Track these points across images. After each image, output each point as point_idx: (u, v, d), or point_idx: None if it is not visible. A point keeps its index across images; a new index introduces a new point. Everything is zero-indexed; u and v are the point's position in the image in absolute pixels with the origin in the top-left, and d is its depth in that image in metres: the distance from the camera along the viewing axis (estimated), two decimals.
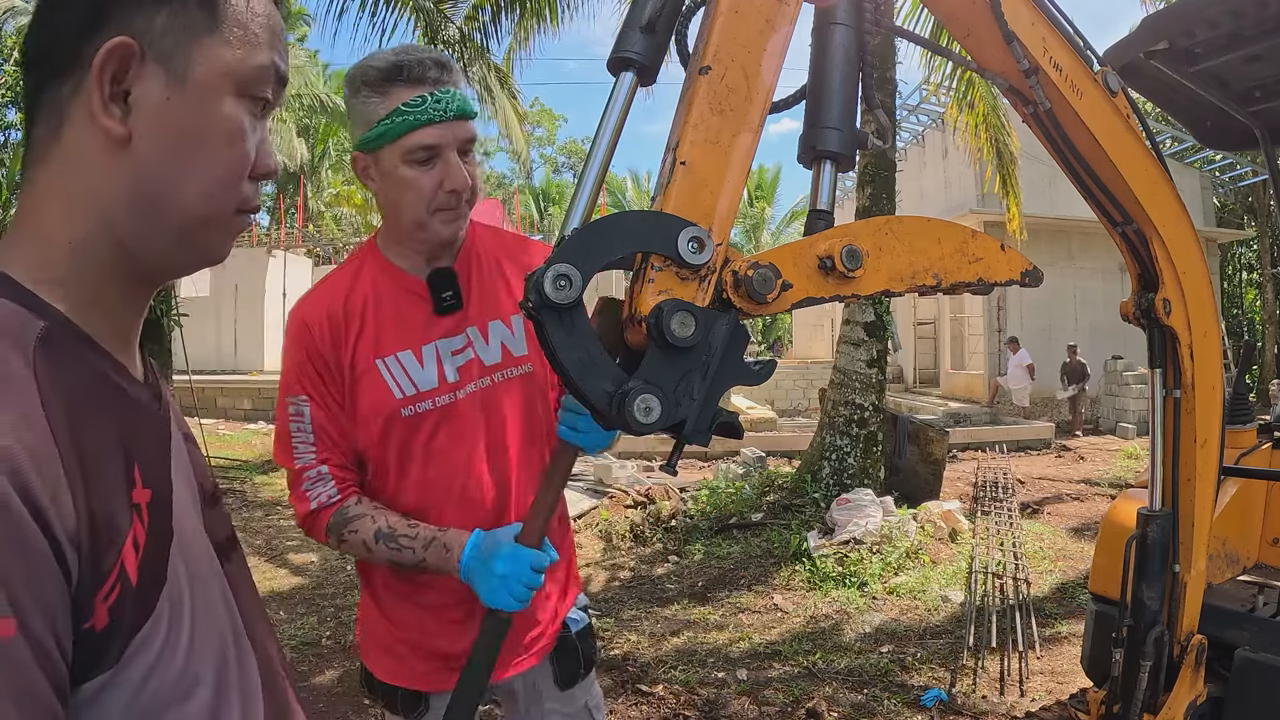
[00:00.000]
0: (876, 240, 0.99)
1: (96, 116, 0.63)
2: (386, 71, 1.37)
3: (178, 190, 0.66)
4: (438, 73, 1.38)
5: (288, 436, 1.47)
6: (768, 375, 0.93)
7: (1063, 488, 9.25)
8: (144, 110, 0.64)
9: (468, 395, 1.49)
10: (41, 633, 0.51)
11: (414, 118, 1.36)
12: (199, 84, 0.66)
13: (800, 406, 18.69)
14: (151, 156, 0.65)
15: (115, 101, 0.64)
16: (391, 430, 1.46)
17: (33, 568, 0.51)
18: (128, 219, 0.65)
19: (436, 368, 1.48)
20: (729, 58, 0.92)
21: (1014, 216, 11.05)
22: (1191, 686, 1.81)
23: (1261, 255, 22.27)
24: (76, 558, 0.54)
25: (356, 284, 1.50)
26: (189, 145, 0.66)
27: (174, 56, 0.65)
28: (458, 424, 1.49)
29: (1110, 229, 1.59)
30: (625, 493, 7.87)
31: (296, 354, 1.47)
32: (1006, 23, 1.21)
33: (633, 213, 0.88)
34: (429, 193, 1.40)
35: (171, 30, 0.65)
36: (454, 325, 1.50)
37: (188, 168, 0.66)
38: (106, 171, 0.64)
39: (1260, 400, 16.92)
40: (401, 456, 1.48)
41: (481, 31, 9.69)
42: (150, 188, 0.65)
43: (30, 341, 0.59)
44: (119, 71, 0.63)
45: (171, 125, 0.65)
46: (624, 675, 4.02)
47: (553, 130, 41.45)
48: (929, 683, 3.93)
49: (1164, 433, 1.74)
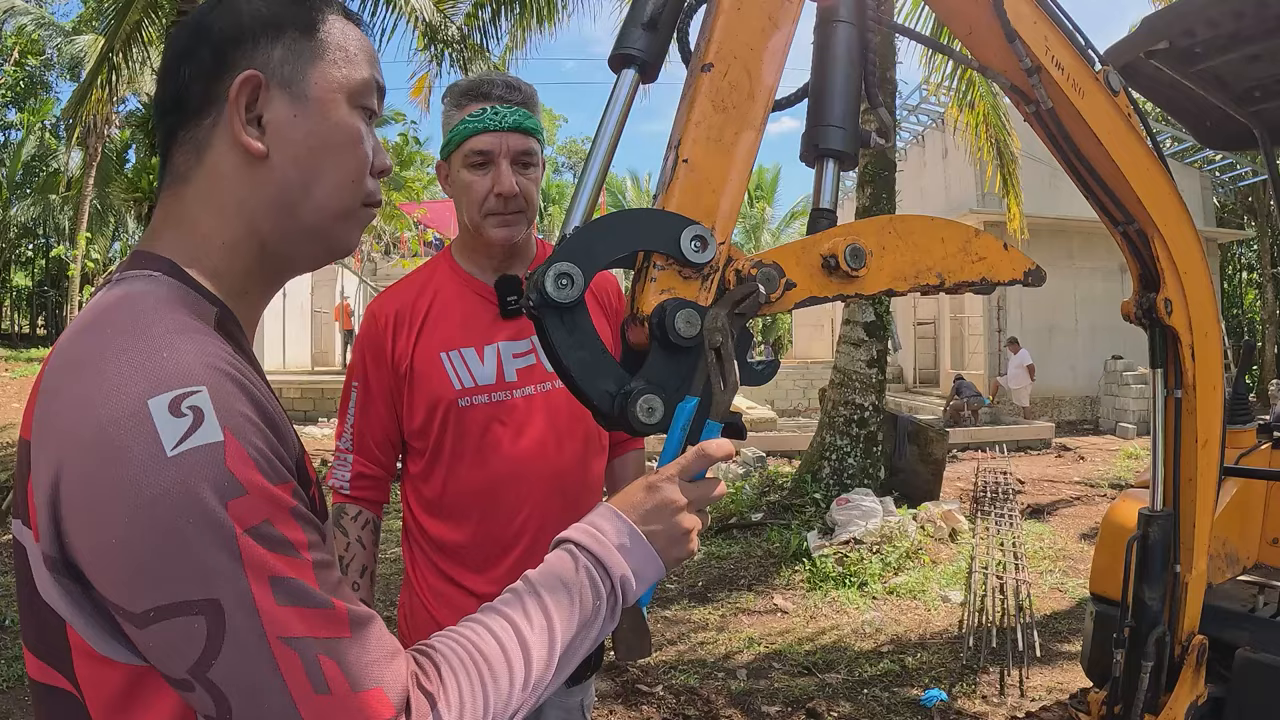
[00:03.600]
0: (880, 239, 0.98)
1: (239, 138, 0.75)
2: (465, 88, 1.57)
3: (312, 191, 0.78)
4: (504, 91, 1.55)
5: (345, 411, 1.65)
6: (770, 375, 0.93)
7: (1063, 488, 9.24)
8: (276, 128, 0.76)
9: (526, 397, 1.58)
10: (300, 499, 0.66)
11: (474, 126, 1.53)
12: (318, 100, 0.78)
13: (800, 406, 18.68)
14: (287, 166, 0.77)
15: (252, 124, 0.76)
16: (447, 418, 1.55)
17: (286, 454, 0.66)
18: (270, 221, 0.77)
19: (496, 366, 1.57)
20: (731, 55, 0.92)
21: (1015, 216, 11.04)
22: (1192, 686, 1.81)
23: (1261, 255, 22.27)
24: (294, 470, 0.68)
25: (428, 285, 1.63)
26: (318, 152, 0.78)
27: (293, 81, 0.77)
28: (513, 421, 1.56)
29: (1111, 228, 1.58)
30: None
31: (362, 343, 1.63)
32: (1009, 21, 1.21)
33: (635, 211, 0.87)
34: (481, 195, 1.53)
35: (287, 60, 0.77)
36: (518, 330, 1.59)
37: (319, 171, 0.78)
38: (250, 183, 0.76)
39: (1260, 400, 16.92)
40: (455, 445, 1.56)
41: (481, 31, 9.68)
42: (289, 192, 0.77)
43: (211, 321, 0.71)
44: (251, 100, 0.75)
45: (301, 137, 0.77)
46: (624, 676, 4.01)
47: (553, 130, 41.45)
48: (929, 683, 3.92)
49: (1165, 433, 1.73)
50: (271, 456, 0.63)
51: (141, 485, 0.57)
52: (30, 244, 30.48)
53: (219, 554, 0.58)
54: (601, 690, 3.85)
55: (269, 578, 0.58)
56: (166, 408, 0.59)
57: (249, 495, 0.60)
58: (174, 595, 0.57)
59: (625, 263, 0.88)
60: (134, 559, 0.58)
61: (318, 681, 0.58)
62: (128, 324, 0.65)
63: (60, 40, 21.70)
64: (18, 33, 22.04)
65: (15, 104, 25.76)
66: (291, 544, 0.61)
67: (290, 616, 0.58)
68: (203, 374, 0.62)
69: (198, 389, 0.61)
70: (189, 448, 0.58)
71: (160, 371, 0.61)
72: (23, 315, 35.07)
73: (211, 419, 0.60)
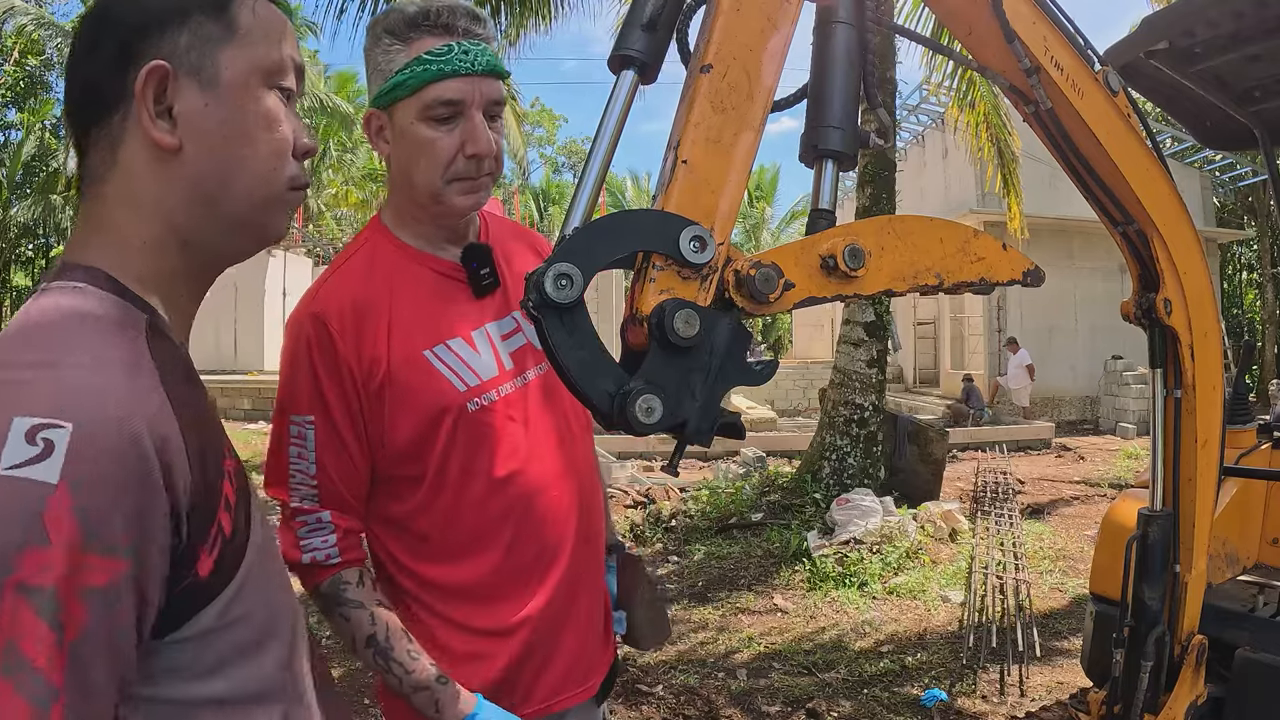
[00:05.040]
0: (879, 239, 0.99)
1: (149, 132, 0.71)
2: (413, 17, 1.21)
3: (232, 180, 0.74)
4: (469, 23, 1.23)
5: (284, 465, 1.23)
6: (769, 375, 0.93)
7: (1063, 488, 9.24)
8: (188, 119, 0.72)
9: (528, 384, 1.32)
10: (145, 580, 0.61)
11: (438, 68, 1.19)
12: (230, 84, 0.74)
13: (800, 406, 18.68)
14: (202, 157, 0.73)
15: (163, 117, 0.72)
16: (458, 428, 1.25)
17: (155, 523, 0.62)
18: (189, 217, 0.74)
19: (493, 353, 1.29)
20: (730, 56, 0.92)
21: (1015, 216, 11.04)
22: (1192, 686, 1.81)
23: (1261, 255, 22.27)
24: (187, 516, 0.65)
25: (374, 272, 1.29)
26: (234, 140, 0.74)
27: (202, 67, 0.73)
28: (524, 414, 1.31)
29: (1111, 229, 1.58)
30: (625, 492, 7.87)
31: (307, 360, 1.23)
32: (1008, 21, 1.21)
33: (634, 212, 0.88)
34: (447, 156, 1.23)
35: (195, 46, 0.73)
36: (499, 308, 1.32)
37: (237, 160, 0.74)
38: (164, 179, 0.73)
39: (1260, 400, 16.92)
40: (471, 457, 1.26)
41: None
42: (206, 185, 0.74)
43: (142, 331, 0.69)
44: (159, 91, 0.71)
45: (214, 126, 0.73)
46: (624, 676, 4.01)
47: (553, 130, 41.46)
48: (929, 683, 3.92)
49: (1164, 433, 1.73)
50: (114, 523, 0.58)
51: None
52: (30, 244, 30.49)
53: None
54: None
55: (5, 639, 0.53)
56: (24, 430, 0.57)
57: (48, 550, 0.55)
58: None
59: (625, 263, 0.88)
60: None
61: None
62: (41, 342, 0.64)
63: (60, 40, 21.71)
64: (18, 33, 22.05)
65: (15, 104, 25.76)
66: (61, 622, 0.55)
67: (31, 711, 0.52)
68: (83, 414, 0.59)
69: (63, 425, 0.57)
70: (18, 475, 0.55)
71: (42, 397, 0.59)
72: None
73: (56, 460, 0.56)
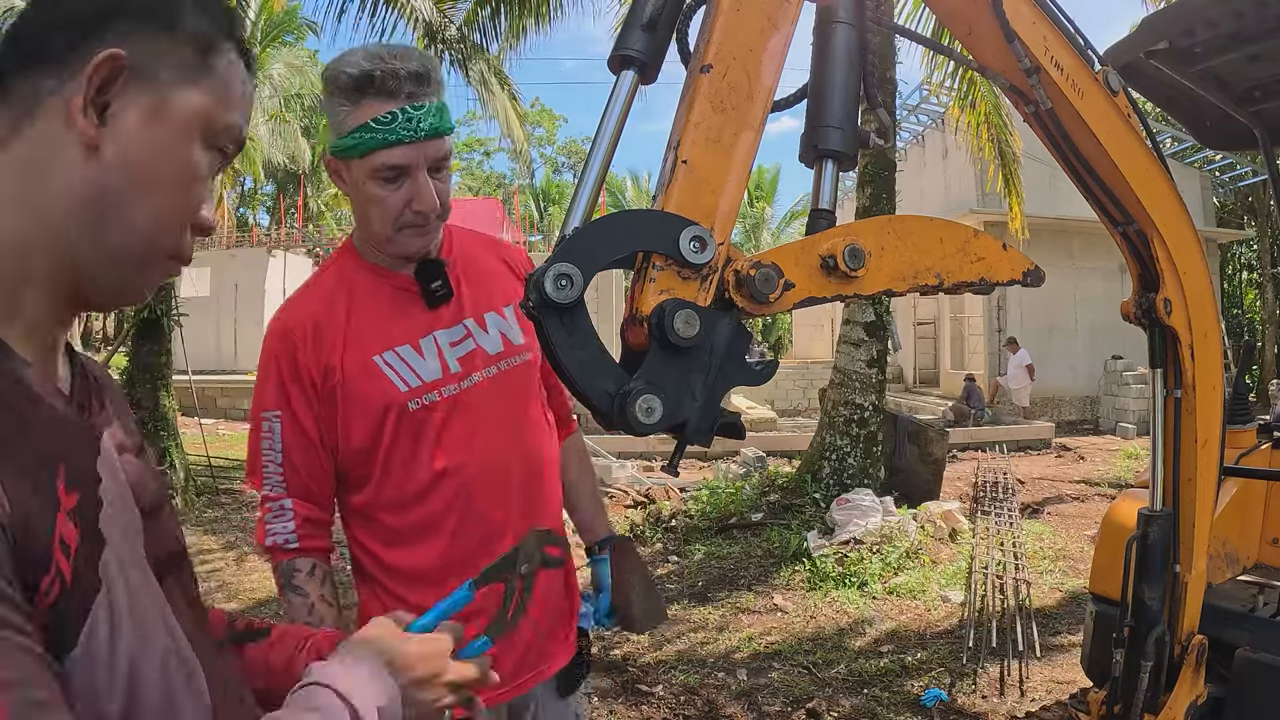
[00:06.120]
0: (879, 239, 0.99)
1: (74, 117, 0.63)
2: (358, 80, 1.29)
3: (128, 213, 0.66)
4: (413, 86, 1.30)
5: (258, 456, 1.42)
6: (769, 375, 0.93)
7: (1063, 488, 9.24)
8: (118, 127, 0.65)
9: (474, 385, 1.46)
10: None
11: (382, 136, 1.29)
12: (175, 120, 0.68)
13: (800, 406, 18.68)
14: (113, 172, 0.65)
15: (94, 108, 0.64)
16: (400, 425, 1.40)
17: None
18: (73, 226, 0.64)
19: (439, 359, 1.44)
20: (730, 56, 0.92)
21: (1015, 216, 11.04)
22: (1192, 686, 1.81)
23: (1261, 255, 22.27)
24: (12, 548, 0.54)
25: (339, 286, 1.46)
26: (150, 173, 0.67)
27: (159, 87, 0.67)
28: (470, 413, 1.44)
29: (1111, 229, 1.58)
30: (625, 493, 7.87)
31: (274, 365, 1.41)
32: (1008, 22, 1.21)
33: (634, 212, 0.88)
34: (395, 211, 1.35)
35: (166, 62, 0.67)
36: (450, 317, 1.46)
37: (143, 194, 0.66)
38: (66, 173, 0.64)
39: (1260, 400, 16.92)
40: (413, 452, 1.42)
41: (480, 30, 9.68)
42: (103, 202, 0.65)
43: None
44: (106, 82, 0.64)
45: (140, 149, 0.66)
46: (624, 676, 4.02)
47: (553, 130, 41.47)
48: (929, 683, 3.93)
49: (1164, 433, 1.73)
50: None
51: None
52: None
53: None
54: (602, 689, 3.86)
55: None
56: None
57: None
58: None
59: (625, 263, 0.89)
60: None
61: None
62: None
63: None
64: None
65: None
66: None
67: None
68: None
69: None
70: None
71: None
72: None
73: None
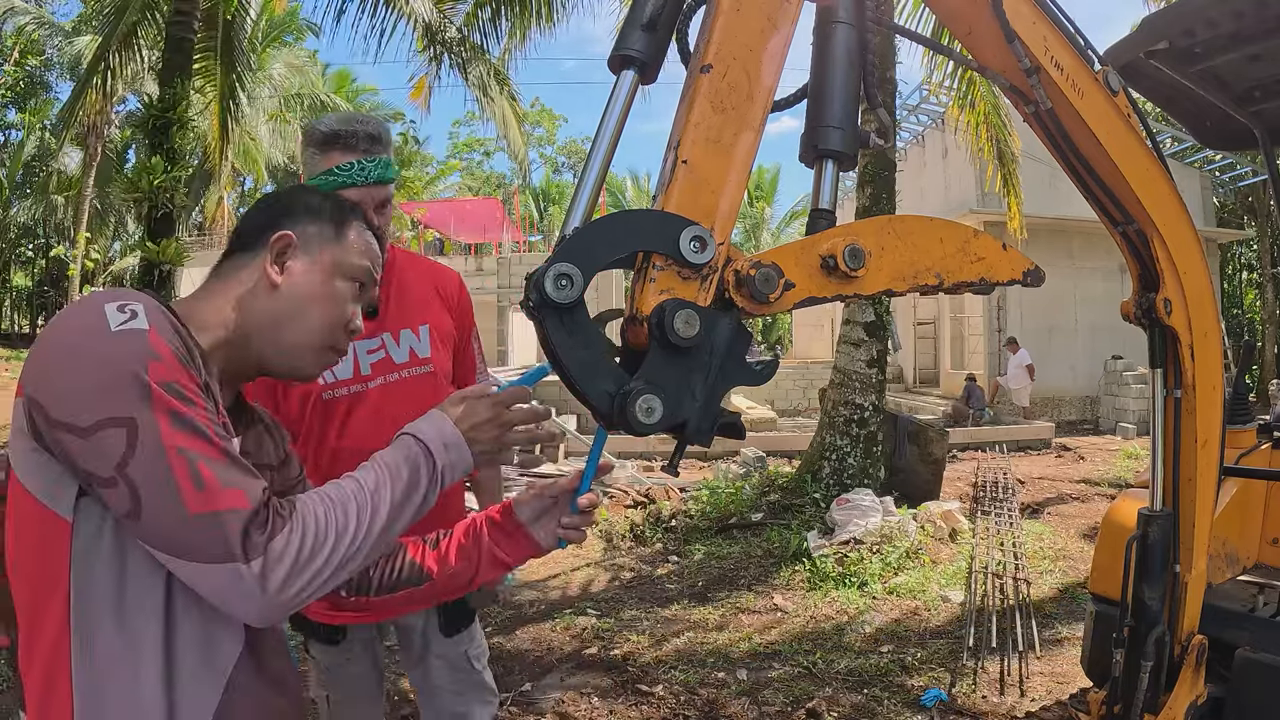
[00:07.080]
0: (879, 239, 0.99)
1: (267, 270, 1.10)
2: (328, 137, 1.75)
3: (296, 321, 1.11)
4: (368, 144, 1.76)
5: None
6: (770, 375, 0.93)
7: (1063, 488, 9.24)
8: (291, 274, 1.11)
9: (377, 386, 1.87)
10: None
11: (341, 179, 1.73)
12: (324, 265, 1.13)
13: (800, 406, 18.68)
14: (287, 298, 1.10)
15: (277, 264, 1.10)
16: (315, 408, 1.84)
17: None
18: (260, 327, 1.09)
19: (353, 363, 1.85)
20: (730, 56, 0.92)
21: (1015, 216, 11.04)
22: (1192, 686, 1.81)
23: (1261, 255, 22.26)
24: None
25: None
26: (310, 299, 1.11)
27: (313, 250, 1.13)
28: (368, 407, 1.85)
29: (1111, 229, 1.58)
30: (625, 493, 7.87)
31: None
32: (1008, 22, 1.21)
33: (634, 212, 0.88)
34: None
35: (316, 236, 1.14)
36: (371, 331, 1.85)
37: (307, 311, 1.11)
38: (261, 299, 1.10)
39: (1260, 400, 16.91)
40: (321, 429, 1.84)
41: (480, 31, 9.68)
42: (281, 315, 1.10)
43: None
44: (282, 250, 1.11)
45: (304, 284, 1.11)
46: (624, 675, 4.02)
47: (553, 130, 41.45)
48: (929, 683, 3.92)
49: (1165, 433, 1.73)
50: (184, 353, 0.94)
51: (96, 348, 0.89)
52: (30, 244, 30.45)
53: (137, 390, 0.88)
54: (602, 688, 3.86)
55: (167, 410, 0.89)
56: (115, 307, 0.92)
57: (163, 361, 0.90)
58: (108, 412, 0.87)
59: (625, 263, 0.89)
60: (85, 392, 0.88)
61: (197, 480, 0.87)
62: (125, 296, 0.97)
63: (60, 40, 21.70)
64: (18, 33, 22.03)
65: (15, 104, 25.75)
66: (186, 394, 0.91)
67: (179, 435, 0.88)
68: (145, 300, 0.95)
69: (138, 302, 0.94)
70: (126, 328, 0.91)
71: (116, 293, 0.95)
72: (23, 315, 35.07)
73: (144, 317, 0.92)
